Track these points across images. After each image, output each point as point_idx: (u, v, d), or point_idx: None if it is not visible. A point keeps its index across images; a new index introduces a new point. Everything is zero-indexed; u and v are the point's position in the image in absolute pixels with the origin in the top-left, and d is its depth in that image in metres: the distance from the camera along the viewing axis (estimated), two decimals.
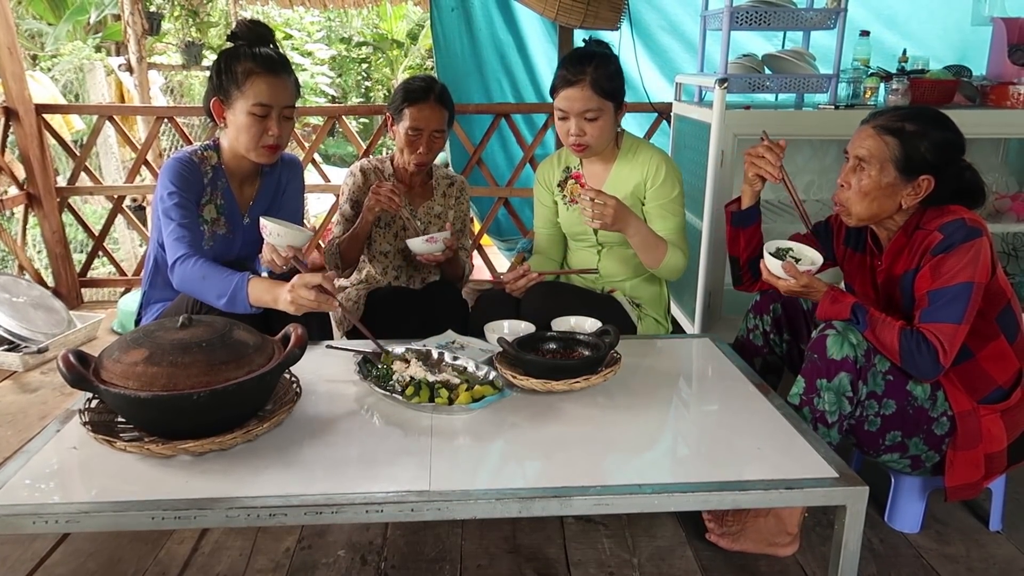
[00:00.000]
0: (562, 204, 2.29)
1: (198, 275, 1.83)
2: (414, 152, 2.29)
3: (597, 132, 2.05)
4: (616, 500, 1.28)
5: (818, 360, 1.65)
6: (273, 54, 1.96)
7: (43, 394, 2.71)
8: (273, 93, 1.92)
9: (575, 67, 2.02)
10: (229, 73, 1.91)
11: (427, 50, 10.88)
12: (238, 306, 1.80)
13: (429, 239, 2.16)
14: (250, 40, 1.95)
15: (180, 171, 1.94)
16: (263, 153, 1.97)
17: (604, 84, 2.01)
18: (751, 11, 2.57)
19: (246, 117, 1.91)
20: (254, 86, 1.89)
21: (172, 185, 1.93)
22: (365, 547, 1.78)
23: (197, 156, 1.99)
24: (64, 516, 1.22)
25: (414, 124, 2.25)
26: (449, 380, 1.64)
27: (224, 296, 1.80)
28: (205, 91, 2.01)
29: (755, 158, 1.87)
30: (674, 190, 2.14)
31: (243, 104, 1.91)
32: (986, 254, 1.61)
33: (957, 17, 3.40)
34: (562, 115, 2.06)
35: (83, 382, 1.33)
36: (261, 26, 1.99)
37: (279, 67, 1.94)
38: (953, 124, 1.69)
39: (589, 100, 2.01)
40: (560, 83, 2.05)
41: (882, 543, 1.82)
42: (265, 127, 1.93)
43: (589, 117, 2.03)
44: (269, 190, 2.16)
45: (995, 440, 1.69)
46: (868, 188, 1.69)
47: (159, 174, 1.97)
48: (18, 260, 3.64)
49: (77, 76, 6.64)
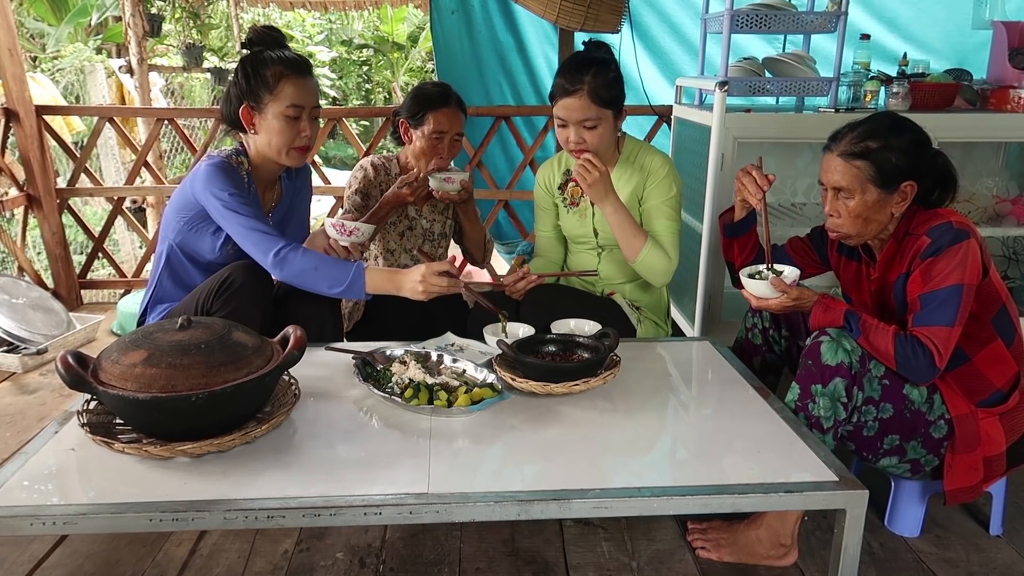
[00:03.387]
0: (562, 207, 2.29)
1: (310, 265, 1.86)
2: (436, 156, 2.32)
3: (597, 139, 2.04)
4: (615, 503, 1.28)
5: (813, 366, 1.65)
6: (297, 56, 1.97)
7: (42, 395, 2.70)
8: (304, 94, 1.94)
9: (572, 75, 2.00)
10: (258, 78, 1.91)
11: (427, 52, 10.90)
12: (357, 293, 1.87)
13: (446, 178, 2.24)
14: (268, 45, 1.95)
15: (231, 176, 1.93)
16: (295, 155, 1.99)
17: (602, 93, 1.99)
18: (751, 14, 2.57)
19: (280, 120, 1.92)
20: (285, 88, 1.91)
21: (231, 187, 1.91)
22: (364, 550, 1.78)
23: (234, 161, 1.99)
24: (62, 518, 1.22)
25: (438, 128, 2.28)
26: (448, 382, 1.64)
27: (340, 285, 1.85)
28: (224, 99, 2.00)
29: (740, 181, 1.91)
30: (671, 191, 2.13)
31: (276, 107, 1.92)
32: (975, 256, 1.62)
33: (958, 21, 3.40)
34: (561, 123, 2.06)
35: (81, 383, 1.32)
36: (275, 31, 2.00)
37: (305, 68, 1.97)
38: (910, 122, 1.71)
39: (587, 109, 2.00)
40: (558, 92, 2.03)
41: (882, 547, 1.81)
42: (298, 129, 1.95)
43: (588, 126, 2.02)
44: (289, 194, 2.18)
45: (994, 443, 1.69)
46: (858, 211, 1.70)
47: (201, 176, 1.92)
48: (18, 261, 3.64)
49: (78, 78, 6.64)
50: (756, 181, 1.87)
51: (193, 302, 1.90)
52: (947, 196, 1.73)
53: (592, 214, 2.22)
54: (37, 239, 4.38)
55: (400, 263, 2.45)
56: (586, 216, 2.23)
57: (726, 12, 2.55)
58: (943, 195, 1.73)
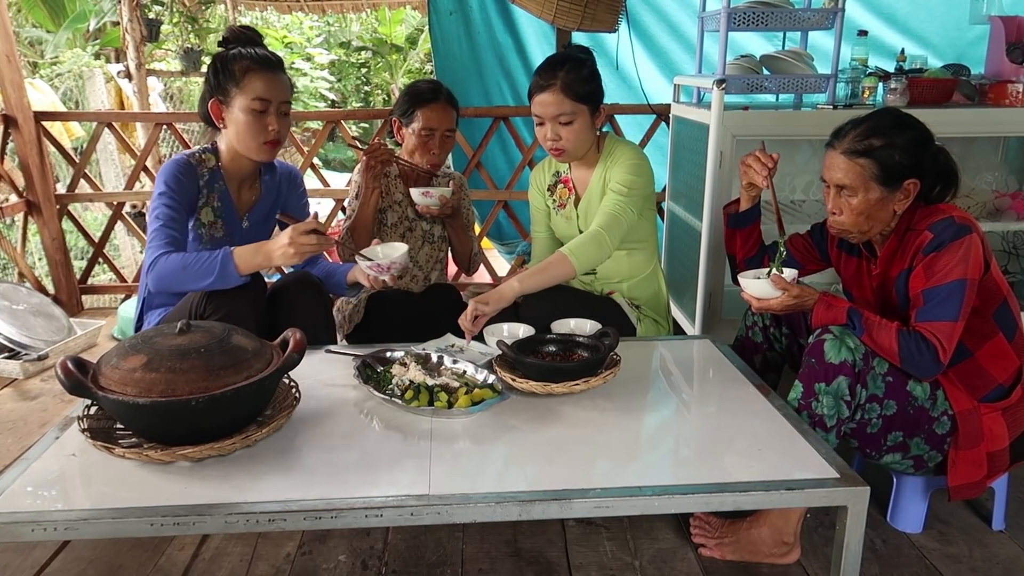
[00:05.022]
0: (552, 209, 2.30)
1: (177, 267, 1.83)
2: (427, 152, 2.32)
3: (573, 136, 2.05)
4: (616, 502, 1.28)
5: (816, 364, 1.64)
6: (267, 52, 1.99)
7: (43, 401, 2.70)
8: (271, 88, 1.95)
9: (546, 72, 2.03)
10: (226, 72, 1.94)
11: (426, 54, 10.90)
12: (229, 280, 1.82)
13: (425, 192, 2.26)
14: (241, 43, 1.98)
15: (175, 172, 1.96)
16: (264, 150, 2.00)
17: (576, 88, 2.01)
18: (748, 12, 2.57)
19: (246, 114, 1.94)
20: (252, 82, 1.93)
21: (164, 185, 1.94)
22: (366, 552, 1.78)
23: (195, 159, 2.01)
24: (63, 523, 1.22)
25: (427, 124, 2.28)
26: (448, 383, 1.64)
27: (211, 276, 1.82)
28: (200, 96, 2.03)
29: (746, 166, 1.92)
30: (629, 175, 2.05)
31: (242, 100, 1.93)
32: (977, 250, 1.61)
33: (955, 16, 3.40)
34: (538, 120, 2.07)
35: (81, 389, 1.32)
36: (250, 30, 2.03)
37: (274, 64, 1.98)
38: (912, 118, 1.70)
39: (561, 104, 2.01)
40: (534, 88, 2.06)
41: (884, 543, 1.81)
42: (265, 123, 1.96)
43: (563, 121, 2.03)
44: (270, 196, 2.17)
45: (997, 438, 1.68)
46: (860, 208, 1.69)
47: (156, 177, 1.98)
48: (18, 267, 3.64)
49: (76, 83, 6.65)
50: (760, 160, 1.88)
51: (187, 307, 1.90)
52: (948, 192, 1.73)
53: (577, 215, 2.23)
54: (37, 245, 4.38)
55: None
56: (571, 219, 2.25)
57: (723, 10, 2.55)
58: (944, 191, 1.73)
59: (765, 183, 1.88)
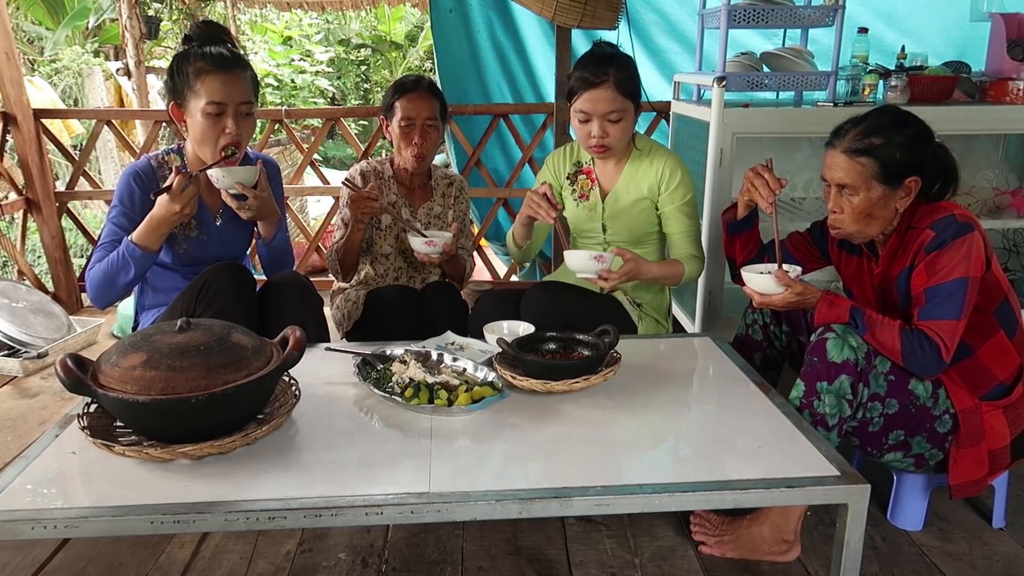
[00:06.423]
0: (570, 198, 2.28)
1: (100, 276, 1.88)
2: (410, 144, 2.29)
3: (620, 133, 2.04)
4: (616, 500, 1.28)
5: (818, 363, 1.64)
6: (224, 51, 1.93)
7: (43, 399, 2.70)
8: (226, 90, 1.90)
9: (596, 68, 1.99)
10: (181, 75, 1.90)
11: (425, 52, 10.89)
12: (143, 260, 1.86)
13: (428, 242, 2.17)
14: (203, 40, 1.93)
15: (129, 183, 1.96)
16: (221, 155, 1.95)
17: (627, 84, 2.00)
18: (749, 9, 2.57)
19: (202, 118, 1.90)
20: (206, 85, 1.88)
21: (117, 200, 1.94)
22: (366, 550, 1.78)
23: (156, 161, 1.99)
24: (63, 521, 1.21)
25: (406, 115, 2.25)
26: (448, 381, 1.64)
27: (128, 267, 1.85)
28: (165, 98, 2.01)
29: (751, 182, 1.88)
30: (688, 193, 2.14)
31: (197, 104, 1.89)
32: (979, 248, 1.61)
33: (956, 13, 3.39)
34: (584, 117, 2.03)
35: (81, 387, 1.32)
36: (214, 26, 1.97)
37: (231, 63, 1.92)
38: (912, 116, 1.70)
39: (614, 101, 1.99)
40: (580, 85, 2.01)
41: (884, 541, 1.81)
42: (222, 126, 1.91)
43: (613, 119, 2.01)
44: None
45: (998, 436, 1.68)
46: (862, 207, 1.69)
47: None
48: (17, 265, 3.64)
49: (76, 81, 6.64)
50: (768, 184, 1.85)
51: (178, 307, 1.89)
52: (948, 189, 1.73)
53: (603, 209, 2.21)
54: (36, 243, 4.39)
55: (395, 266, 2.44)
56: (596, 211, 2.22)
57: (723, 7, 2.54)
58: (944, 188, 1.73)
59: (770, 209, 1.84)
